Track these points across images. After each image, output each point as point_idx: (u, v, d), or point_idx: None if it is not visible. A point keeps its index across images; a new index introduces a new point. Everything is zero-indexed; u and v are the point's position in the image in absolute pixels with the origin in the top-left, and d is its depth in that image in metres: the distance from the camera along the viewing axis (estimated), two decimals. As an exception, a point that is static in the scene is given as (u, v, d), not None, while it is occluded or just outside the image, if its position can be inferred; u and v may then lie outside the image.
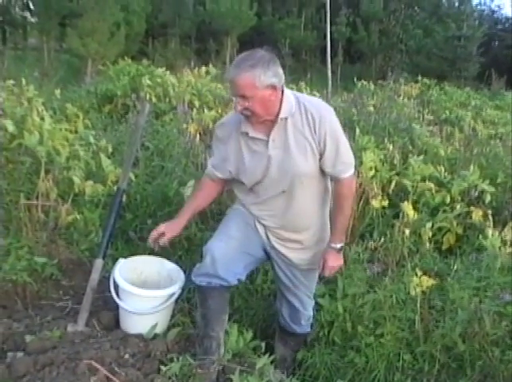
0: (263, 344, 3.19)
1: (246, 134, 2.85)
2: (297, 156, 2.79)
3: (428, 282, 3.02)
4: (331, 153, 2.79)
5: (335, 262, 2.97)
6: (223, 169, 3.00)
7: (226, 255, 2.88)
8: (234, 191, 3.14)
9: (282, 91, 2.78)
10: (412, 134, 6.48)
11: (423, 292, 3.09)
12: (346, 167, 2.86)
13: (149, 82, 8.63)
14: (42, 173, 4.16)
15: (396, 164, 5.08)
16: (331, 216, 3.05)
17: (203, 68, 10.58)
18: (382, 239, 3.90)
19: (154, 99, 8.17)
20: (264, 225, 3.01)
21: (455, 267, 3.60)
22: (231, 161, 2.95)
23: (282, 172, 2.82)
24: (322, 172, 2.89)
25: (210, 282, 2.90)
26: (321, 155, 2.80)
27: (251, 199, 3.01)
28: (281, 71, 2.73)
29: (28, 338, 3.13)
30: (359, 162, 4.40)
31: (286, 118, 2.78)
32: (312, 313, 3.35)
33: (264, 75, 2.62)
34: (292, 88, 9.79)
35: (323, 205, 3.03)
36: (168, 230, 3.11)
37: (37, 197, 4.15)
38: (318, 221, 3.04)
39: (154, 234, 3.13)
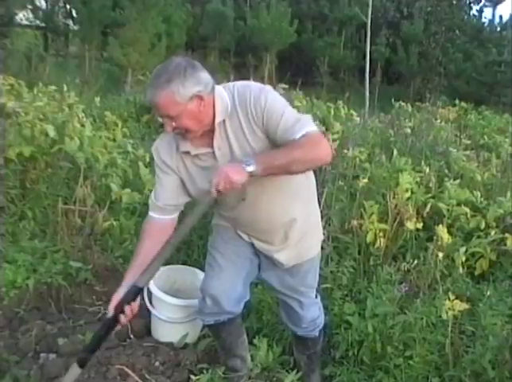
0: (292, 360, 3.20)
1: (188, 153, 2.52)
2: (245, 155, 2.42)
3: (460, 306, 3.01)
4: (279, 126, 2.37)
5: (233, 173, 2.22)
6: (177, 200, 2.63)
7: (225, 288, 2.76)
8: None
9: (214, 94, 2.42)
10: (448, 158, 6.45)
11: (454, 316, 3.07)
12: (296, 126, 2.37)
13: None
14: (81, 179, 4.23)
15: (431, 187, 5.06)
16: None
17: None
18: (415, 262, 3.88)
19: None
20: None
21: (487, 293, 3.57)
22: (183, 187, 2.62)
23: None
24: None
25: (218, 319, 2.85)
26: (272, 134, 2.41)
27: (219, 210, 2.80)
28: (204, 74, 2.35)
29: (60, 341, 3.20)
30: (395, 183, 4.41)
31: (224, 121, 2.44)
32: (316, 315, 3.10)
33: (183, 87, 2.25)
34: (329, 107, 9.84)
35: (297, 199, 2.69)
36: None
37: (75, 203, 4.22)
38: (297, 217, 2.70)
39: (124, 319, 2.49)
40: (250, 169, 2.23)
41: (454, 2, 26.73)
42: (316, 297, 3.11)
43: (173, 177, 2.59)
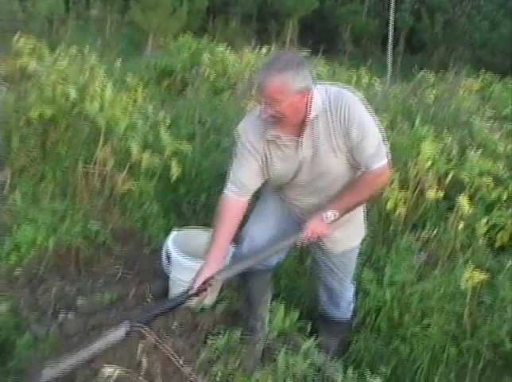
0: (309, 325, 3.20)
1: (276, 138, 2.66)
2: (328, 155, 2.63)
3: (479, 276, 2.99)
4: (359, 145, 2.58)
5: (316, 227, 2.67)
6: (255, 181, 2.78)
7: (265, 238, 2.86)
8: None
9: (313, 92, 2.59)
10: (471, 129, 6.37)
11: (473, 287, 3.06)
12: (373, 159, 2.61)
13: (210, 56, 8.68)
14: (101, 142, 4.23)
15: (453, 157, 5.01)
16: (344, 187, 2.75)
17: (264, 48, 10.55)
18: (435, 231, 3.86)
19: (214, 75, 8.22)
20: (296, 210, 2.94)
21: (507, 265, 3.55)
22: (262, 171, 2.76)
23: (314, 174, 2.69)
24: (355, 168, 2.71)
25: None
26: (350, 148, 2.60)
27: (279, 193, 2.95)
28: (309, 73, 2.53)
29: (79, 300, 3.22)
30: (417, 152, 4.37)
31: (316, 117, 2.58)
32: (352, 298, 3.27)
33: (294, 79, 2.44)
34: (351, 75, 9.75)
35: None
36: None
37: (95, 165, 4.22)
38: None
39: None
40: (331, 219, 2.66)
41: (481, -31, 26.25)
42: (352, 283, 3.23)
43: (255, 158, 2.72)
